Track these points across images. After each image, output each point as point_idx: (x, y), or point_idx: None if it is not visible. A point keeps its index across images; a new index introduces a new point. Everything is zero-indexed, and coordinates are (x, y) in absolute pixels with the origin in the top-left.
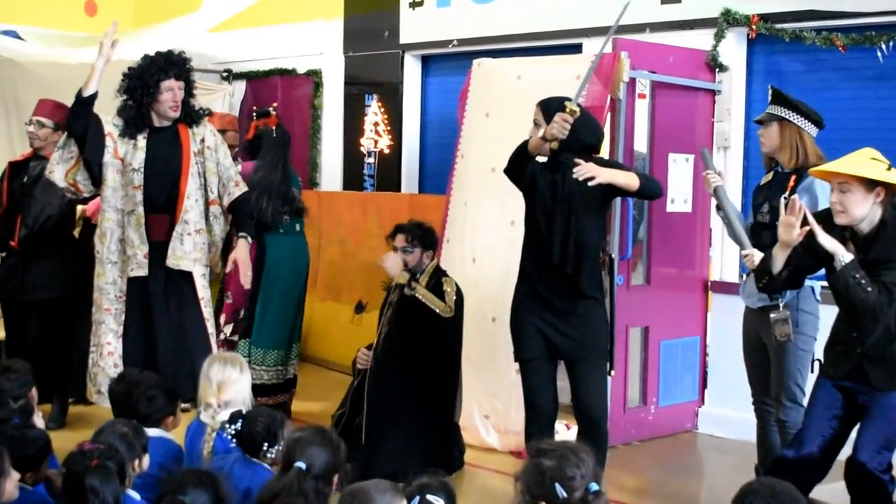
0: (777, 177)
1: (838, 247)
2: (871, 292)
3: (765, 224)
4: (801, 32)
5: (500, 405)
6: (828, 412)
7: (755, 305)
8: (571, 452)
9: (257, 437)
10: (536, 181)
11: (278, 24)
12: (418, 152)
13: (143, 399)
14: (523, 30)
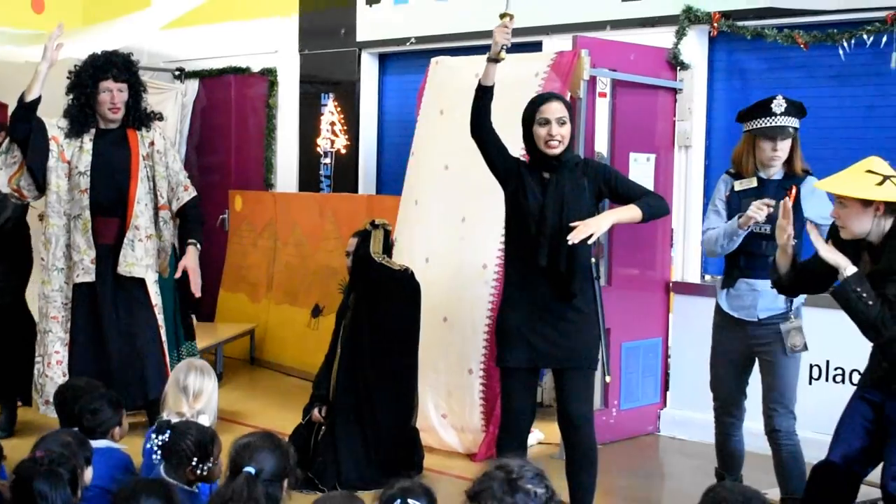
0: (766, 184)
1: (841, 260)
2: (871, 306)
3: (764, 234)
4: (763, 30)
5: (455, 405)
6: (857, 422)
7: (754, 318)
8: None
9: (187, 451)
10: (524, 181)
11: (232, 22)
12: (376, 152)
13: (87, 412)
14: (482, 27)
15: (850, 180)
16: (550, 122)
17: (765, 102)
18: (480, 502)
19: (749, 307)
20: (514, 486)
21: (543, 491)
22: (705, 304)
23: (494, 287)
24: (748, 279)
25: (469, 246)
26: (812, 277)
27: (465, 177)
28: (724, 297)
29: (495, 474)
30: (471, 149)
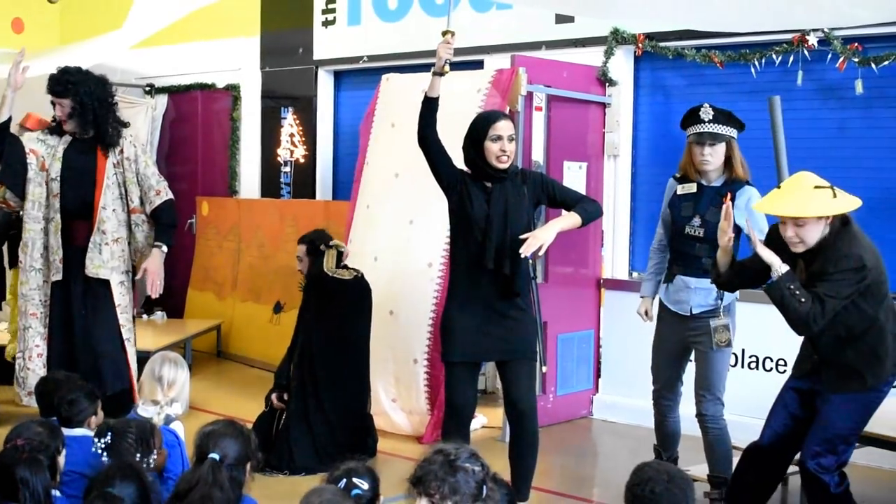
0: (705, 190)
1: (775, 259)
2: (804, 303)
3: (697, 237)
4: (683, 50)
5: (403, 390)
6: (784, 410)
7: (687, 312)
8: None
9: (130, 447)
10: (468, 190)
11: (198, 41)
12: (331, 161)
13: (65, 403)
14: (429, 47)
15: (807, 199)
16: (502, 138)
17: (694, 110)
18: (424, 485)
19: (683, 302)
20: (454, 466)
21: (479, 468)
22: (633, 299)
23: (438, 284)
24: (683, 276)
25: (415, 246)
26: (749, 274)
27: (413, 184)
28: (663, 292)
29: (434, 458)
30: (419, 158)
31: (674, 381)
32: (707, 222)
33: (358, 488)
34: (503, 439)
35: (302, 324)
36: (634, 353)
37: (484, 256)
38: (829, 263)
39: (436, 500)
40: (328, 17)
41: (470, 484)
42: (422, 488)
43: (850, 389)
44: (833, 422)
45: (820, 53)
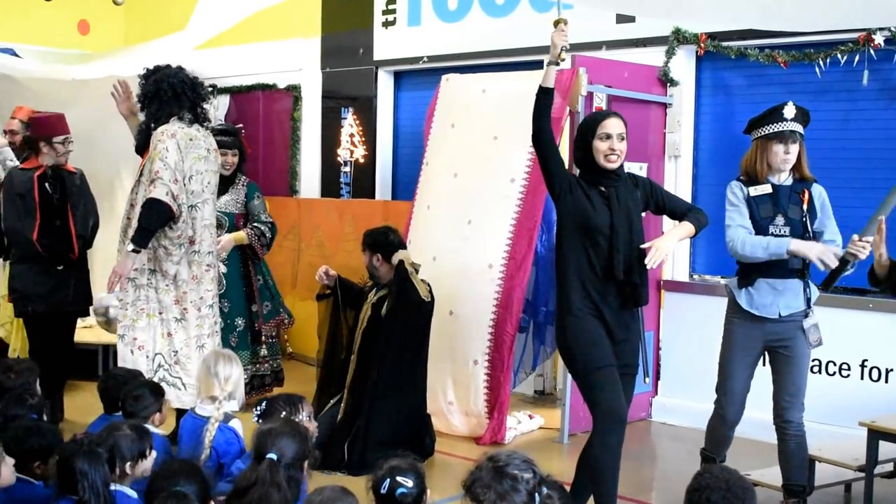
0: (780, 189)
1: None
2: None
3: (784, 236)
4: (746, 50)
5: (461, 392)
6: None
7: (775, 315)
8: (518, 458)
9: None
10: (587, 194)
11: (260, 42)
12: (391, 162)
13: (130, 398)
14: (488, 47)
15: None
16: (612, 136)
17: (776, 108)
18: (474, 492)
19: (770, 305)
20: (502, 472)
21: (531, 476)
22: (693, 301)
23: (499, 285)
24: (768, 279)
25: (474, 246)
26: None
27: (472, 184)
28: (742, 296)
29: (484, 465)
30: (478, 158)
31: (746, 392)
32: (791, 220)
33: (402, 486)
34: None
35: (370, 327)
36: (694, 355)
37: (613, 267)
38: None
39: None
40: (388, 18)
41: (520, 492)
42: (472, 495)
43: None
44: None
45: (886, 53)
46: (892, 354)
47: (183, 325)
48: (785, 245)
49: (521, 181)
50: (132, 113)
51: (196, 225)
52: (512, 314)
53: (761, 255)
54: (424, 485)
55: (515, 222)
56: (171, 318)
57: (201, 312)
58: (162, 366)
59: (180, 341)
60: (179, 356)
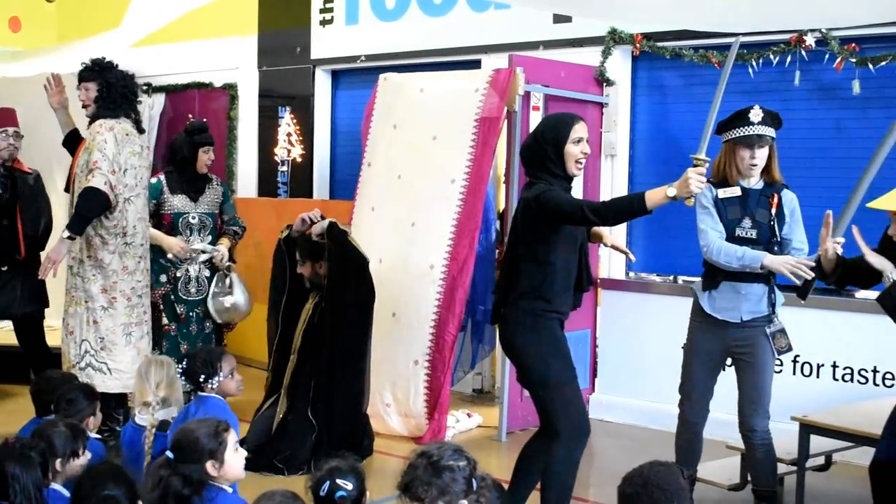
0: (750, 193)
1: (886, 265)
2: None
3: (751, 239)
4: (681, 50)
5: (399, 393)
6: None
7: (737, 319)
8: (449, 448)
9: (197, 370)
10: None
11: (196, 41)
12: (328, 160)
13: (63, 402)
14: (426, 46)
15: None
16: (583, 140)
17: (743, 112)
18: (412, 491)
19: (732, 309)
20: (438, 467)
21: (465, 463)
22: (629, 299)
23: (440, 286)
24: (732, 282)
25: (417, 249)
26: (860, 274)
27: (415, 186)
28: (706, 299)
29: (418, 462)
30: (421, 160)
31: (708, 396)
32: (758, 223)
33: (342, 489)
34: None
35: (310, 327)
36: (631, 353)
37: (583, 277)
38: None
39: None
40: (326, 17)
41: (458, 481)
42: (411, 495)
43: None
44: None
45: (817, 54)
46: (823, 350)
47: (110, 314)
48: (760, 259)
49: (462, 182)
50: (63, 106)
51: (129, 217)
52: (454, 315)
53: (735, 264)
54: (364, 486)
55: (457, 223)
56: (98, 306)
57: (131, 302)
58: (88, 352)
59: (107, 328)
60: (106, 342)
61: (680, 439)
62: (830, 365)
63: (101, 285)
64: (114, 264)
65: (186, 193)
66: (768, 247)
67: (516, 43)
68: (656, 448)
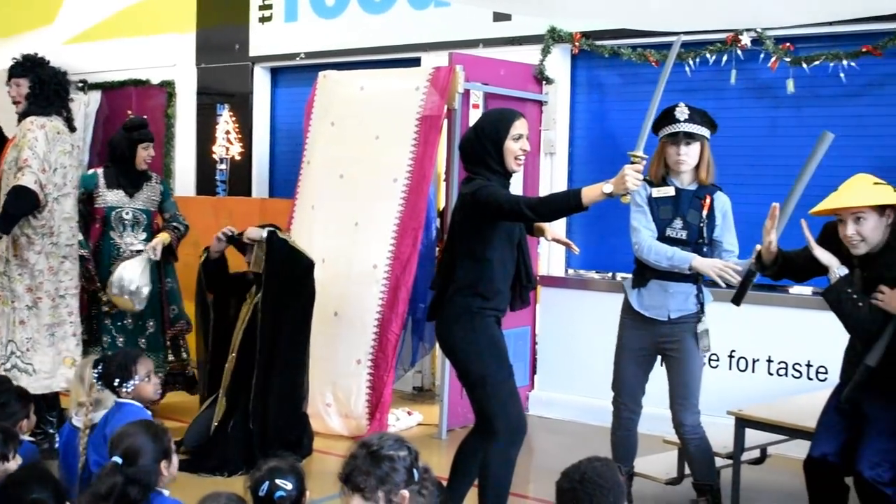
0: (683, 193)
1: (833, 261)
2: (861, 308)
3: (681, 240)
4: (619, 49)
5: (340, 393)
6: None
7: (664, 317)
8: (391, 439)
9: (112, 374)
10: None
11: (133, 37)
12: (268, 159)
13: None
14: (366, 44)
15: (868, 192)
16: (523, 136)
17: (669, 110)
18: (354, 481)
19: (660, 306)
20: (378, 456)
21: (406, 453)
22: (568, 295)
23: (384, 285)
24: (661, 280)
25: (360, 248)
26: (796, 269)
27: (357, 185)
28: (634, 297)
29: (358, 452)
30: (363, 159)
31: (639, 390)
32: (689, 224)
33: (281, 489)
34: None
35: (250, 326)
36: (570, 349)
37: (522, 274)
38: (891, 268)
39: (367, 494)
40: (265, 14)
41: (399, 471)
42: (351, 485)
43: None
44: (891, 432)
45: (753, 53)
46: (758, 345)
47: (35, 314)
48: (688, 260)
49: (404, 181)
50: None
51: (56, 217)
52: (397, 314)
53: (664, 264)
54: (304, 486)
55: (399, 222)
56: (23, 306)
57: (55, 302)
58: (14, 353)
59: (32, 329)
60: (31, 343)
61: (615, 434)
62: (765, 359)
63: (27, 285)
64: (40, 264)
65: (123, 189)
66: (697, 247)
67: (456, 41)
68: (595, 443)
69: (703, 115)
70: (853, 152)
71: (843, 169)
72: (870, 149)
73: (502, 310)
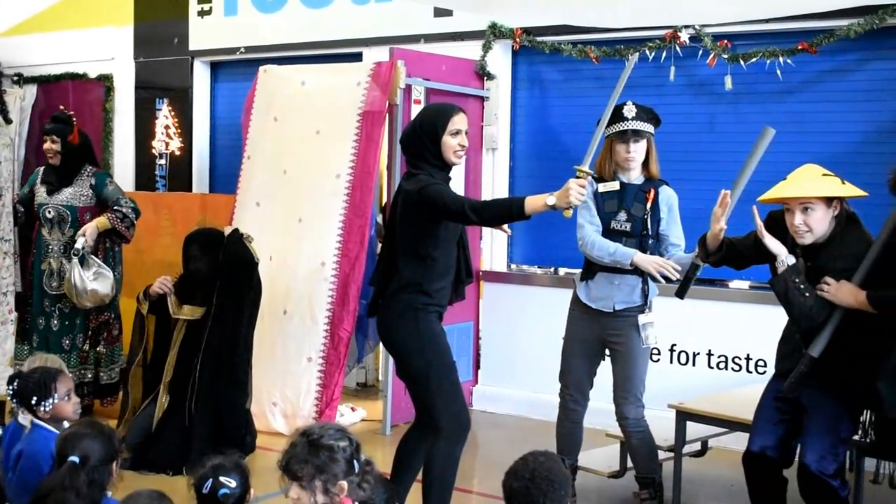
0: (628, 187)
1: (782, 249)
2: (808, 297)
3: (625, 232)
4: (559, 45)
5: (289, 392)
6: (770, 412)
7: (610, 309)
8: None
9: (29, 392)
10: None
11: (69, 30)
12: (208, 154)
13: None
14: (307, 38)
15: (816, 182)
16: (461, 132)
17: (617, 108)
18: (291, 469)
19: (606, 298)
20: (317, 445)
21: (347, 444)
22: (511, 290)
23: (332, 283)
24: (607, 273)
25: (307, 245)
26: (739, 256)
27: (300, 180)
28: (582, 289)
29: (298, 440)
30: (306, 155)
31: (587, 383)
32: (634, 217)
33: (225, 487)
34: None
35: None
36: (513, 344)
37: (462, 269)
38: (836, 259)
39: (304, 483)
40: (204, 7)
41: (338, 462)
42: (290, 474)
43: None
44: (831, 424)
45: (691, 50)
46: (698, 339)
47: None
48: (630, 256)
49: (347, 177)
50: None
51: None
52: (349, 311)
53: (607, 260)
54: (248, 483)
55: (344, 218)
56: None
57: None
58: None
59: None
60: None
61: (561, 427)
62: (706, 353)
63: None
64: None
65: (46, 185)
66: (642, 239)
67: (397, 36)
68: (538, 437)
69: (650, 112)
70: (790, 147)
71: (780, 164)
72: (806, 144)
73: (444, 305)
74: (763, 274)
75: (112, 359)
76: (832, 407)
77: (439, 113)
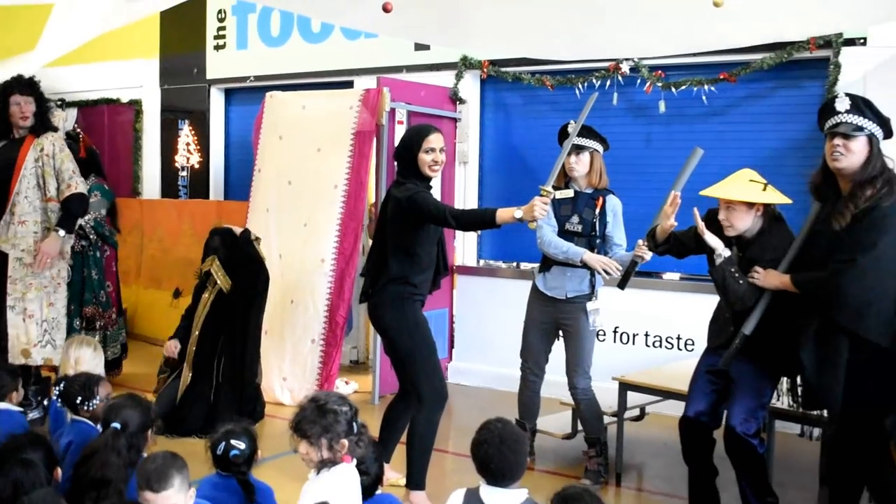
0: (580, 195)
1: (719, 243)
2: (741, 284)
3: (576, 232)
4: (520, 74)
5: (297, 369)
6: (702, 383)
7: (562, 296)
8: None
9: (75, 394)
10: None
11: (105, 62)
12: (223, 167)
13: None
14: (307, 69)
15: (740, 187)
16: (435, 150)
17: (564, 127)
18: (302, 429)
19: (559, 287)
20: (323, 409)
21: (347, 409)
22: (480, 282)
23: (331, 277)
24: (561, 267)
25: (310, 246)
26: (682, 247)
27: (303, 190)
28: (540, 280)
29: (307, 405)
30: (306, 167)
31: (542, 357)
32: (584, 220)
33: (235, 448)
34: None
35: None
36: (482, 327)
37: (440, 264)
38: (764, 251)
39: (312, 440)
40: (219, 42)
41: (341, 423)
42: (300, 432)
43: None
44: (756, 391)
45: (631, 79)
46: (637, 322)
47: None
48: (580, 255)
49: (343, 187)
50: None
51: None
52: (343, 300)
53: (560, 257)
54: (256, 445)
55: (341, 222)
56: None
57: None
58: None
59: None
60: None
61: (522, 396)
62: (644, 334)
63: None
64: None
65: None
66: (591, 239)
67: (383, 67)
68: (503, 405)
69: (590, 130)
70: (715, 161)
71: (707, 175)
72: (728, 158)
73: (425, 294)
74: (692, 267)
75: (114, 337)
76: (756, 377)
77: (416, 133)
